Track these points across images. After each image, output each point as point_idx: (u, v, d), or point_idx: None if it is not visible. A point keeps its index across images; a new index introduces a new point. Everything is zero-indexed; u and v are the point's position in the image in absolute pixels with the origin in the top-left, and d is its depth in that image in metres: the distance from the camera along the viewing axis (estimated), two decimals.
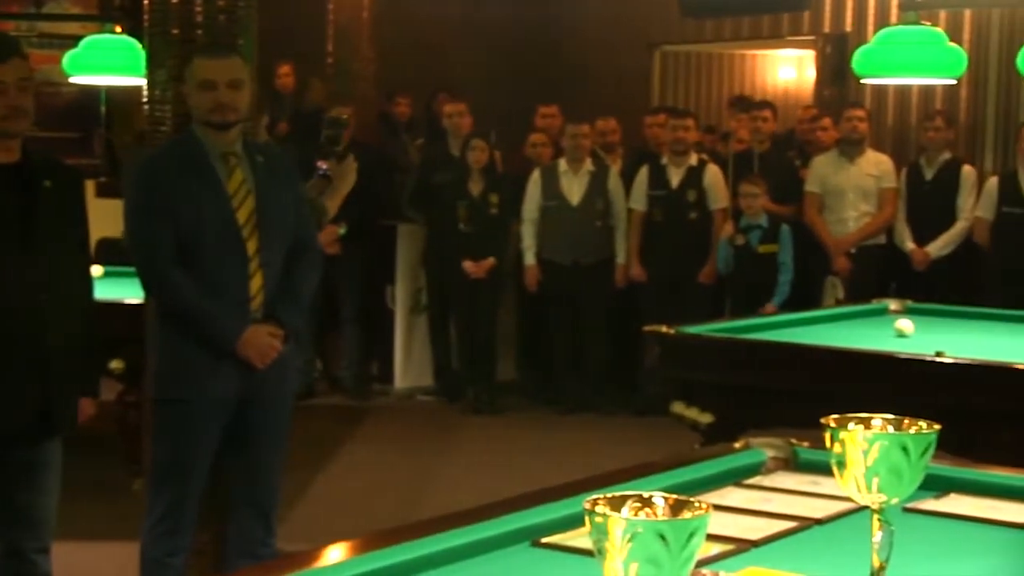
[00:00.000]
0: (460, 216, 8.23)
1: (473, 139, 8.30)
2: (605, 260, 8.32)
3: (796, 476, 2.79)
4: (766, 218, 7.79)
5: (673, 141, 8.18)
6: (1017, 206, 7.55)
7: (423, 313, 8.87)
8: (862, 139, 8.03)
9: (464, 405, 8.46)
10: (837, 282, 7.86)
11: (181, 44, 4.43)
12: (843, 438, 1.85)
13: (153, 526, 4.07)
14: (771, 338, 4.90)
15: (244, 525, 4.13)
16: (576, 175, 8.32)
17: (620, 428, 7.97)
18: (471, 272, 8.25)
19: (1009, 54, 7.83)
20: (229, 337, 3.97)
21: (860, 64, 5.90)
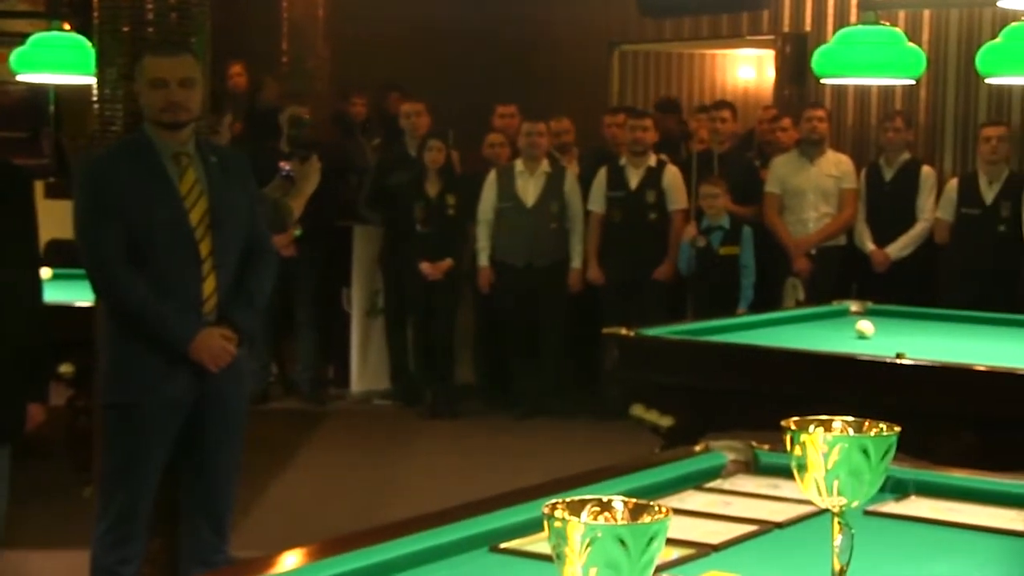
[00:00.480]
0: (417, 217, 8.21)
1: (430, 139, 8.29)
2: (560, 262, 8.33)
3: (756, 479, 2.80)
4: (728, 219, 7.82)
5: (632, 141, 8.20)
6: (976, 207, 7.62)
7: (379, 316, 8.85)
8: (822, 139, 8.08)
9: (421, 409, 8.45)
10: (797, 283, 7.90)
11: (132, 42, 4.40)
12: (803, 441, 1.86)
13: (104, 533, 4.04)
14: (731, 340, 4.92)
15: (197, 532, 4.10)
16: (532, 176, 8.33)
17: (579, 431, 7.98)
18: (428, 274, 8.24)
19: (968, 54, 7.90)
20: (182, 340, 3.95)
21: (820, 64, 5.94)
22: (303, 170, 7.68)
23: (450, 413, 8.35)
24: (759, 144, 9.15)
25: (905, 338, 5.05)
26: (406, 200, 8.27)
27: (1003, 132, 7.61)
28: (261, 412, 8.20)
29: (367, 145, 9.51)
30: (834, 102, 8.84)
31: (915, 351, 4.42)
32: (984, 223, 7.57)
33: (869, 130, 8.80)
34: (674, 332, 5.03)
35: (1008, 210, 7.53)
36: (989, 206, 7.58)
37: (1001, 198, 7.55)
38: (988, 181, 7.61)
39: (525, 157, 8.35)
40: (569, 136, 8.88)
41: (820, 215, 8.03)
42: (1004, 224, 7.53)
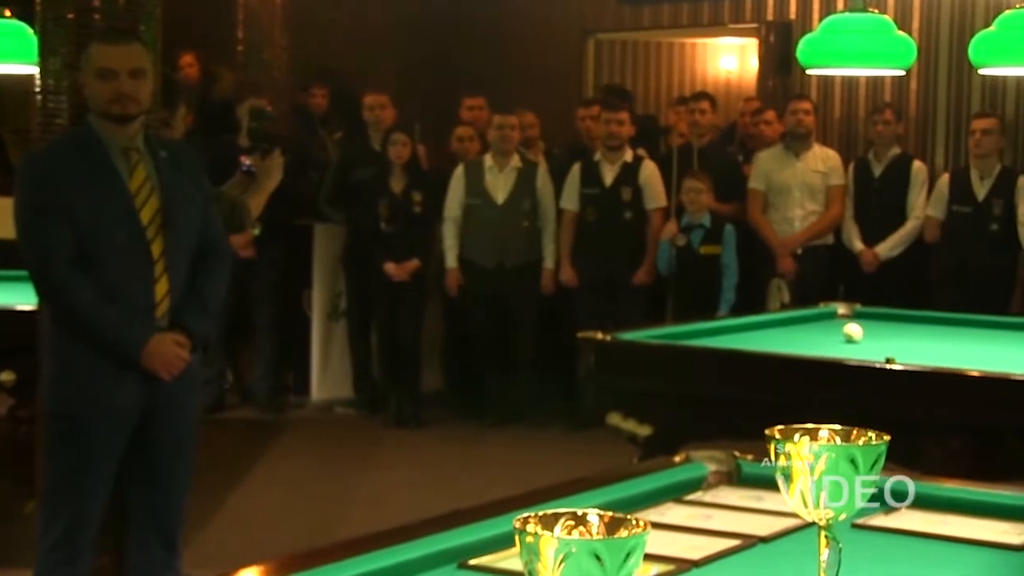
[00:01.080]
0: (381, 215, 8.20)
1: (395, 133, 8.28)
2: (532, 262, 8.33)
3: (739, 491, 2.81)
4: (709, 217, 7.85)
5: (607, 135, 8.21)
6: (967, 204, 7.66)
7: (341, 319, 8.83)
8: (808, 133, 8.11)
9: (386, 417, 8.44)
10: (782, 285, 7.93)
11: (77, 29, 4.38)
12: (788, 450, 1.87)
13: (48, 551, 4.01)
14: (713, 345, 4.94)
15: (146, 548, 4.08)
16: (502, 172, 8.33)
17: (553, 441, 7.99)
18: (393, 275, 8.23)
19: (960, 44, 7.95)
20: (133, 347, 3.93)
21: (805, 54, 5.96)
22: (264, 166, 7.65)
23: (416, 422, 8.35)
24: (742, 138, 9.18)
25: (895, 342, 5.08)
26: (370, 197, 8.26)
27: (991, 125, 7.64)
28: (216, 422, 8.18)
29: (328, 139, 9.50)
30: (820, 94, 8.88)
31: (905, 356, 4.44)
32: (976, 221, 7.61)
33: (857, 123, 8.84)
34: (653, 336, 5.04)
35: (1001, 208, 7.57)
36: (981, 203, 7.62)
37: (993, 195, 7.60)
38: (980, 177, 7.66)
39: (495, 152, 8.35)
40: (535, 130, 8.88)
41: (806, 213, 8.06)
42: (996, 222, 7.58)
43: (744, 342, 5.01)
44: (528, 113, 8.82)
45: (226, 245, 4.26)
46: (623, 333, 5.00)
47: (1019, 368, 4.32)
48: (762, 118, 8.57)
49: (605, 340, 4.83)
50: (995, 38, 5.64)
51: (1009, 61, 5.69)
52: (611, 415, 4.76)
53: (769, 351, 4.77)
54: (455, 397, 8.84)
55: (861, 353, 4.70)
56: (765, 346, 4.90)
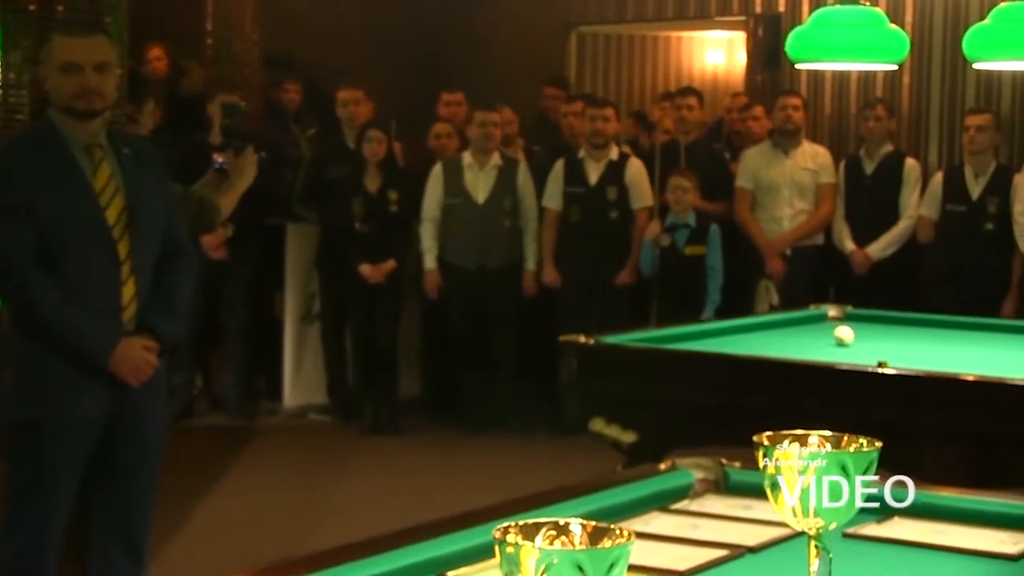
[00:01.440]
0: (356, 214, 8.19)
1: (370, 130, 8.27)
2: (514, 263, 8.34)
3: (727, 499, 2.81)
4: (694, 217, 7.86)
5: (592, 133, 8.21)
6: (962, 203, 7.68)
7: (315, 322, 8.82)
8: (797, 130, 8.13)
9: (361, 424, 8.43)
10: (771, 286, 7.94)
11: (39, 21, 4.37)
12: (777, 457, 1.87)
13: (9, 563, 4.00)
14: (699, 348, 4.94)
15: (111, 560, 4.07)
16: (482, 170, 8.33)
17: (534, 448, 7.99)
18: (368, 276, 8.22)
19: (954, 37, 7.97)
20: (100, 352, 3.91)
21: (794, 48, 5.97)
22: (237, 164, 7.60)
23: (393, 429, 8.34)
24: (729, 135, 9.19)
25: (887, 345, 5.09)
26: (344, 196, 8.24)
27: (985, 121, 7.66)
28: (185, 429, 8.16)
29: (301, 136, 9.49)
30: (810, 89, 8.90)
31: (898, 359, 4.45)
32: (970, 221, 7.63)
33: (848, 119, 8.86)
34: (637, 340, 5.05)
35: (996, 206, 7.59)
36: (976, 202, 7.64)
37: (988, 194, 7.62)
38: (974, 175, 7.68)
39: (475, 149, 8.35)
40: (513, 127, 8.88)
41: (795, 212, 8.08)
42: (991, 222, 7.60)
43: (731, 345, 5.01)
44: (506, 109, 8.82)
45: (191, 245, 4.24)
46: (606, 336, 5.00)
47: (1016, 372, 4.33)
48: (750, 114, 8.59)
49: (588, 344, 4.83)
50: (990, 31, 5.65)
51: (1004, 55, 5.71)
52: (594, 421, 4.76)
53: (757, 355, 4.78)
54: (433, 403, 8.83)
55: (852, 357, 4.71)
56: (753, 350, 4.90)
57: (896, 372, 4.33)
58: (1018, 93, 8.24)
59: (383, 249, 8.24)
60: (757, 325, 5.72)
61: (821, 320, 5.87)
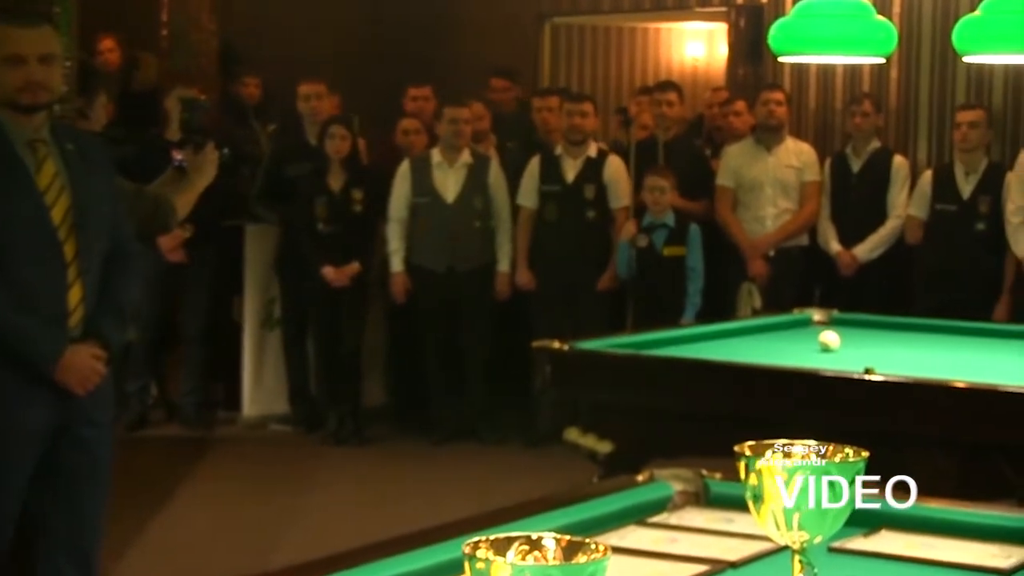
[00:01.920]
0: (318, 214, 8.18)
1: (333, 125, 8.25)
2: (485, 266, 8.33)
3: (707, 512, 2.82)
4: (673, 216, 7.87)
5: (569, 129, 8.22)
6: (951, 202, 7.72)
7: (276, 328, 8.80)
8: (780, 125, 8.15)
9: (324, 435, 8.41)
10: (753, 289, 7.96)
11: None
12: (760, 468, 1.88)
13: None
14: (678, 354, 4.95)
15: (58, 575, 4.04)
16: (452, 168, 8.32)
17: (506, 459, 7.99)
18: (332, 280, 8.20)
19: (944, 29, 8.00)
20: (46, 359, 3.89)
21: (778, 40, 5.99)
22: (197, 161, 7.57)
23: (358, 439, 8.32)
24: (709, 131, 9.21)
25: (874, 351, 5.11)
26: (306, 195, 8.23)
27: (978, 117, 7.69)
28: (139, 439, 8.14)
29: (261, 131, 9.47)
30: (794, 83, 8.92)
31: (886, 365, 4.47)
32: (961, 221, 7.67)
33: (834, 115, 8.89)
34: (613, 345, 5.05)
35: (987, 206, 7.63)
36: (966, 201, 7.68)
37: (979, 192, 7.66)
38: (965, 173, 7.71)
39: (444, 146, 8.34)
40: (483, 123, 8.88)
41: (779, 211, 8.10)
42: (983, 222, 7.63)
43: (712, 351, 5.02)
44: (477, 104, 8.83)
45: (137, 246, 4.21)
46: (582, 342, 5.00)
47: (1008, 379, 4.36)
48: (731, 109, 8.61)
49: (562, 350, 4.83)
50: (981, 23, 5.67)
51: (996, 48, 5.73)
52: (569, 430, 4.76)
53: (739, 361, 4.79)
54: (400, 412, 8.83)
55: (838, 363, 4.73)
56: (734, 356, 4.91)
57: (884, 379, 4.34)
58: (1010, 88, 8.28)
59: (347, 251, 8.23)
60: (739, 330, 5.74)
61: (806, 325, 5.88)
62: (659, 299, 7.81)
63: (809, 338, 5.34)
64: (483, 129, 8.87)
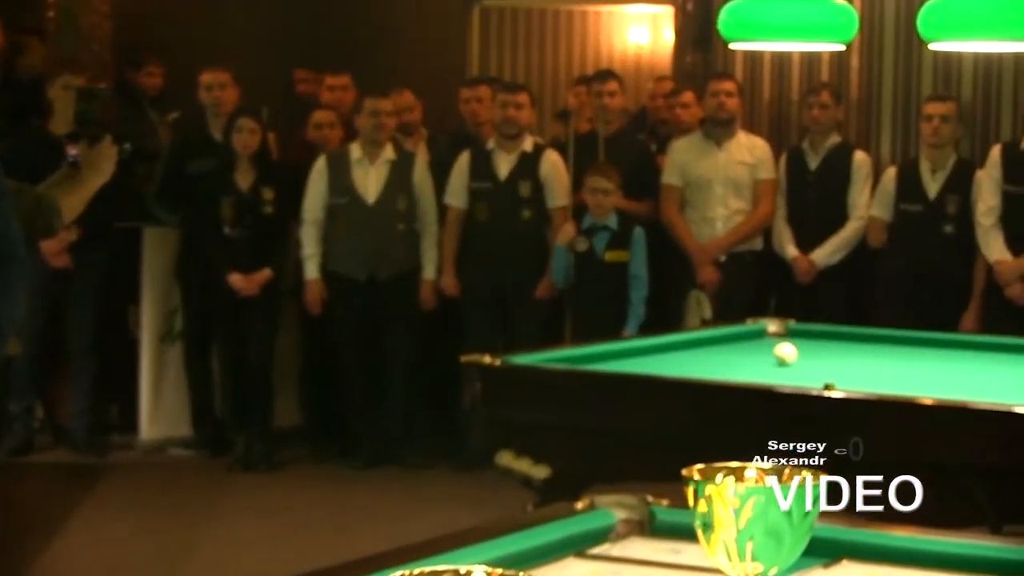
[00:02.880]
0: (224, 216, 8.14)
1: (240, 118, 8.22)
2: (409, 272, 8.32)
3: (653, 542, 2.82)
4: (615, 218, 7.89)
5: (503, 121, 8.23)
6: (917, 202, 7.78)
7: (177, 342, 8.75)
8: (732, 118, 8.19)
9: (231, 460, 8.38)
10: (703, 297, 7.99)
11: None
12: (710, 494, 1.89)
13: None
14: (621, 369, 4.96)
15: None
16: (373, 165, 8.31)
17: (433, 485, 7.98)
18: (239, 288, 8.17)
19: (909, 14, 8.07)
20: None
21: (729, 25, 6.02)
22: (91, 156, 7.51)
23: (269, 464, 8.29)
24: (654, 124, 9.24)
25: (835, 364, 5.14)
26: (210, 194, 8.19)
27: (949, 110, 7.77)
28: (24, 465, 8.06)
29: (159, 123, 9.41)
30: (746, 72, 8.98)
31: (847, 381, 4.50)
32: (927, 222, 7.73)
33: (790, 107, 8.95)
34: (550, 359, 5.06)
35: (955, 206, 7.70)
36: (933, 201, 7.75)
37: (947, 191, 7.73)
38: (931, 170, 7.78)
39: (365, 141, 8.32)
40: (414, 114, 8.87)
41: (730, 212, 8.14)
42: (951, 223, 7.71)
43: (657, 366, 5.04)
44: (407, 93, 8.82)
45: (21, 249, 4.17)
46: (515, 356, 5.01)
47: (980, 395, 4.40)
48: (678, 101, 8.64)
49: (494, 365, 4.83)
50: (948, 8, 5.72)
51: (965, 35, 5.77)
52: (501, 454, 4.76)
53: (687, 377, 4.81)
54: (315, 434, 8.80)
55: (795, 378, 4.76)
56: (682, 371, 4.93)
57: (845, 396, 4.37)
58: (980, 78, 8.36)
59: (256, 256, 8.19)
60: (687, 342, 5.75)
61: (760, 336, 5.91)
62: (600, 309, 7.83)
63: (764, 351, 5.37)
64: (413, 121, 8.86)
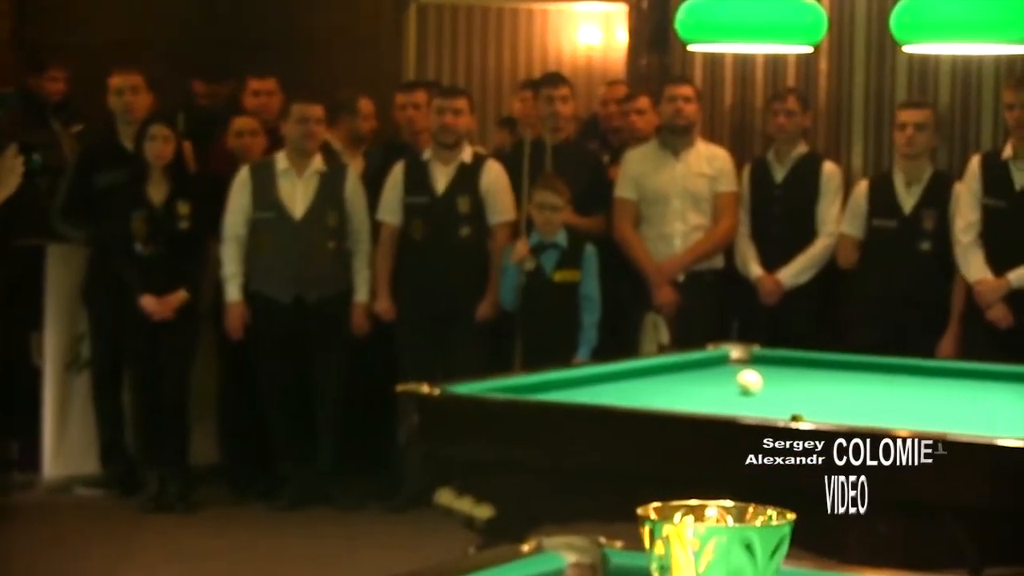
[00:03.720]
0: (136, 232, 8.11)
1: (152, 125, 8.19)
2: (340, 295, 8.30)
3: None
4: (565, 235, 7.89)
5: (439, 129, 8.21)
6: (892, 218, 7.82)
7: (83, 370, 8.70)
8: (690, 126, 8.22)
9: (144, 500, 8.33)
10: (660, 321, 8.01)
11: None
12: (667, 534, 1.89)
13: None
14: (571, 399, 4.96)
15: None
16: (300, 177, 8.29)
17: (366, 527, 7.96)
18: (152, 311, 8.13)
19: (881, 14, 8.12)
20: None
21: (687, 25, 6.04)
22: None
23: (185, 505, 8.25)
24: (606, 132, 9.26)
25: (802, 392, 5.16)
26: (120, 209, 8.15)
27: (924, 117, 7.80)
28: None
29: (63, 133, 9.37)
30: (706, 76, 9.01)
31: (815, 411, 4.51)
32: (902, 239, 7.77)
33: (753, 114, 8.98)
34: (494, 389, 5.05)
35: (932, 221, 7.74)
36: (908, 216, 7.79)
37: (923, 206, 7.77)
38: (906, 183, 7.82)
39: (292, 151, 8.30)
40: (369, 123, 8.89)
41: (689, 228, 8.16)
42: (928, 240, 7.74)
43: (610, 396, 5.04)
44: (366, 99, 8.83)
45: None
46: (456, 385, 4.99)
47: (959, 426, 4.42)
48: (632, 107, 8.66)
49: (433, 394, 4.82)
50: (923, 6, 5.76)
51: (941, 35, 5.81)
52: (441, 492, 4.75)
53: (642, 407, 4.81)
54: (236, 472, 8.76)
55: (760, 408, 4.77)
56: (637, 400, 4.93)
57: (813, 428, 4.38)
58: (958, 83, 8.41)
59: (171, 276, 8.16)
60: (643, 370, 5.76)
61: (722, 363, 5.93)
62: (548, 333, 7.82)
63: (726, 379, 5.38)
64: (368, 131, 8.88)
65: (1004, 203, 7.57)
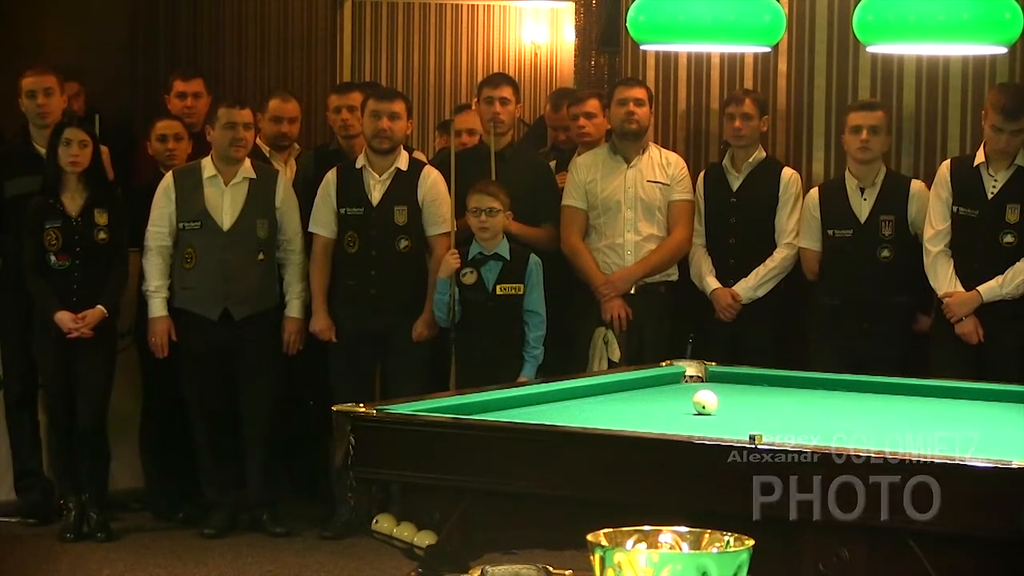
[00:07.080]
0: (50, 244, 8.06)
1: (68, 128, 8.14)
2: (271, 311, 8.28)
3: None
4: (507, 246, 7.89)
5: (374, 134, 8.19)
6: (847, 227, 7.84)
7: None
8: (642, 130, 8.23)
9: (62, 528, 8.28)
10: (610, 336, 8.02)
11: None
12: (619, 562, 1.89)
13: None
14: (515, 420, 4.96)
15: None
16: (228, 184, 8.27)
17: (300, 556, 7.94)
18: (68, 328, 8.09)
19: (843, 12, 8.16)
20: None
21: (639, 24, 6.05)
22: None
23: (105, 533, 8.20)
24: (553, 137, 9.27)
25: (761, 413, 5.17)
26: (33, 219, 8.11)
27: (878, 120, 7.80)
28: None
29: None
30: (659, 78, 9.03)
31: (775, 430, 4.52)
32: (860, 248, 7.79)
33: (708, 118, 9.01)
34: (433, 409, 5.05)
35: (891, 227, 7.77)
36: (865, 224, 7.81)
37: (880, 211, 7.79)
38: (859, 189, 7.84)
39: (219, 157, 8.28)
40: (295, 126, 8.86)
41: (641, 239, 8.17)
42: (888, 247, 7.77)
43: (558, 416, 5.04)
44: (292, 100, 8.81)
45: None
46: (393, 405, 4.99)
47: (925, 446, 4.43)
48: (581, 110, 8.67)
49: (369, 415, 4.82)
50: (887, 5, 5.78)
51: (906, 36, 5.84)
52: (379, 519, 4.75)
53: (591, 428, 4.81)
54: (160, 498, 8.73)
55: (716, 429, 4.77)
56: (586, 421, 4.93)
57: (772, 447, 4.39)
58: (924, 85, 8.44)
59: (88, 291, 8.12)
60: (592, 388, 5.77)
61: (676, 381, 5.94)
62: (491, 350, 7.82)
63: (680, 397, 5.39)
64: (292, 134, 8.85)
65: (975, 212, 7.59)
